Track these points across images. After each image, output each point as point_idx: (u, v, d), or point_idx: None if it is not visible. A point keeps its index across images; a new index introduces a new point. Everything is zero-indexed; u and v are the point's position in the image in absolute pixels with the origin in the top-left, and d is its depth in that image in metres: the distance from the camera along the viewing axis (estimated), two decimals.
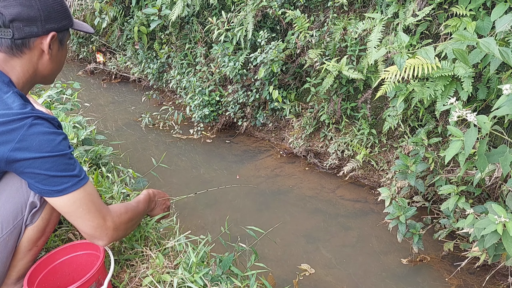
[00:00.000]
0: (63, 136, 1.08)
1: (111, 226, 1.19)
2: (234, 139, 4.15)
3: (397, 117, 2.84)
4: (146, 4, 4.72)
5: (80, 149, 2.74)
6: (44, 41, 1.13)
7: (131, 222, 1.30)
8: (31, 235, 1.30)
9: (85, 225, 1.15)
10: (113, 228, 1.20)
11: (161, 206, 1.65)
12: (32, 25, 1.08)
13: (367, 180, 3.27)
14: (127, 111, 4.94)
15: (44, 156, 1.01)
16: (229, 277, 1.78)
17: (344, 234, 2.76)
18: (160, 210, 1.63)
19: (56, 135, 1.06)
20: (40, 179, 1.04)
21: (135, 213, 1.32)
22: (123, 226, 1.25)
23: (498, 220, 1.59)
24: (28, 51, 1.12)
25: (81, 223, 1.15)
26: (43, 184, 1.05)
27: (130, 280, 1.63)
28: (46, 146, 1.02)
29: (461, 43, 2.03)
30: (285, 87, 3.74)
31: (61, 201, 1.10)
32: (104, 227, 1.17)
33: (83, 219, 1.14)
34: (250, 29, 3.51)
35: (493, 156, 1.61)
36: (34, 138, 1.01)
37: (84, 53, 6.46)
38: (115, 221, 1.20)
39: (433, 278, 2.34)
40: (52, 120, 1.08)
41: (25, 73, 1.14)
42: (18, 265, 1.35)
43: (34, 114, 1.03)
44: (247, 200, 3.17)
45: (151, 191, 1.58)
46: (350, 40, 3.03)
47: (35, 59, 1.14)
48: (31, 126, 1.01)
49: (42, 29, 1.11)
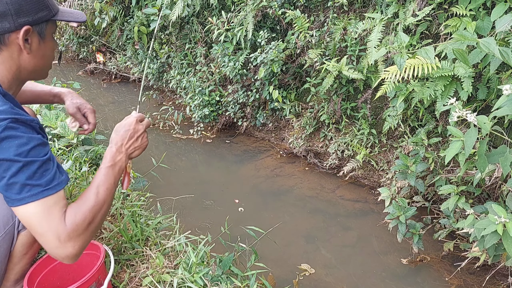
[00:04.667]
0: (37, 142, 0.98)
1: (69, 245, 0.99)
2: (234, 139, 4.15)
3: (397, 117, 2.84)
4: (146, 4, 4.72)
5: (80, 149, 2.74)
6: (19, 36, 1.05)
7: (94, 222, 1.05)
8: (25, 240, 1.29)
9: (44, 243, 0.99)
10: (72, 246, 0.99)
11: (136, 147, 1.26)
12: (4, 21, 1.01)
13: (367, 180, 3.27)
14: (127, 111, 4.94)
15: (11, 160, 0.94)
16: (229, 277, 1.78)
17: (344, 234, 2.76)
18: (139, 151, 1.27)
19: (30, 140, 0.97)
20: (3, 184, 0.95)
21: (96, 207, 1.07)
22: (86, 235, 1.03)
23: (498, 220, 1.59)
24: (5, 48, 1.05)
25: (41, 240, 0.99)
26: (5, 190, 0.95)
27: (130, 280, 1.63)
28: (15, 151, 0.94)
29: (461, 43, 2.03)
30: (285, 87, 3.74)
31: (19, 212, 0.97)
32: (61, 247, 0.98)
33: (39, 237, 0.98)
34: (250, 29, 3.51)
35: (493, 156, 1.61)
36: (6, 141, 0.94)
37: (84, 53, 6.46)
38: (73, 237, 0.99)
39: (433, 278, 2.34)
40: (31, 122, 1.00)
41: (8, 70, 1.08)
42: (15, 268, 1.35)
43: (11, 117, 0.96)
44: (247, 200, 3.17)
45: (114, 144, 1.20)
46: (350, 40, 3.03)
47: (16, 56, 1.07)
48: (5, 129, 0.94)
49: (15, 23, 1.02)
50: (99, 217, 1.07)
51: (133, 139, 1.24)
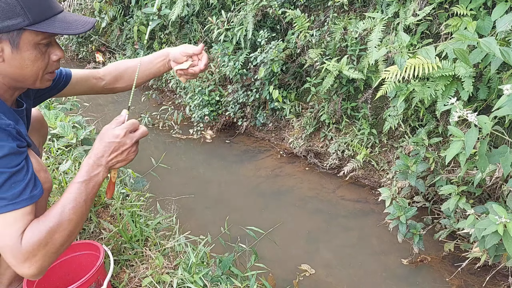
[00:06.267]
0: (7, 152, 0.92)
1: (25, 266, 0.92)
2: (234, 139, 4.15)
3: (397, 117, 2.83)
4: (145, 4, 4.71)
5: (80, 149, 2.74)
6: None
7: (53, 244, 0.96)
8: None
9: (4, 258, 0.93)
10: (28, 267, 0.93)
11: (120, 160, 1.09)
12: None
13: (367, 180, 3.26)
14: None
15: None
16: (229, 278, 1.77)
17: (345, 234, 2.75)
18: (122, 163, 1.10)
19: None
20: None
21: (58, 228, 0.96)
22: (44, 256, 0.95)
23: (498, 221, 1.58)
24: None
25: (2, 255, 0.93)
26: None
27: (130, 280, 1.62)
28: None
29: (462, 43, 2.02)
30: (285, 87, 3.73)
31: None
32: (18, 267, 0.92)
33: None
34: (250, 28, 3.50)
35: (494, 156, 1.61)
36: None
37: (83, 52, 6.45)
38: (28, 257, 0.92)
39: (434, 279, 2.33)
40: (6, 127, 0.94)
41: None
42: (7, 273, 1.34)
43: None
44: (247, 200, 3.17)
45: (94, 154, 1.06)
46: (351, 39, 3.02)
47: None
48: None
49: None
50: (60, 238, 0.96)
51: (116, 152, 1.07)
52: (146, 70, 1.48)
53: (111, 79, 1.52)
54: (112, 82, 1.52)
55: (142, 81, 1.52)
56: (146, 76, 1.50)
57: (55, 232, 0.95)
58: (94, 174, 1.04)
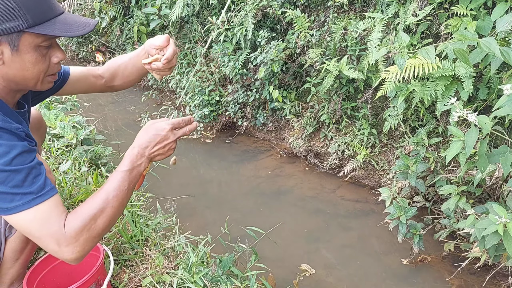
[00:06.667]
0: (21, 150, 0.96)
1: (69, 251, 0.96)
2: (234, 139, 4.15)
3: (397, 117, 2.83)
4: (145, 4, 4.71)
5: (80, 149, 2.74)
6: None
7: (96, 229, 1.00)
8: (14, 246, 1.28)
9: (44, 247, 0.98)
10: (71, 252, 0.97)
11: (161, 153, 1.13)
12: None
13: (367, 180, 3.26)
14: (126, 111, 4.94)
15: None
16: (229, 278, 1.77)
17: (345, 234, 2.75)
18: (161, 157, 1.14)
19: (12, 148, 0.94)
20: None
21: (101, 214, 1.01)
22: (86, 241, 0.99)
23: (498, 221, 1.58)
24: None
25: (40, 244, 0.98)
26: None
27: (130, 280, 1.63)
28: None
29: (462, 43, 2.02)
30: (285, 87, 3.73)
31: (13, 220, 0.96)
32: (60, 252, 0.96)
33: (38, 242, 0.98)
34: (250, 28, 3.50)
35: (493, 156, 1.61)
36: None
37: (83, 52, 6.45)
38: (71, 242, 0.96)
39: (434, 279, 2.33)
40: (16, 130, 0.98)
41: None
42: (9, 273, 1.34)
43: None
44: (247, 200, 3.17)
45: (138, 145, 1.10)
46: (351, 39, 3.02)
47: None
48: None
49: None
50: (102, 224, 1.00)
51: (160, 145, 1.10)
52: (134, 66, 1.46)
53: (109, 76, 1.52)
54: (111, 80, 1.53)
55: (137, 76, 1.50)
56: (137, 71, 1.47)
57: (98, 217, 0.99)
58: (137, 164, 1.08)
